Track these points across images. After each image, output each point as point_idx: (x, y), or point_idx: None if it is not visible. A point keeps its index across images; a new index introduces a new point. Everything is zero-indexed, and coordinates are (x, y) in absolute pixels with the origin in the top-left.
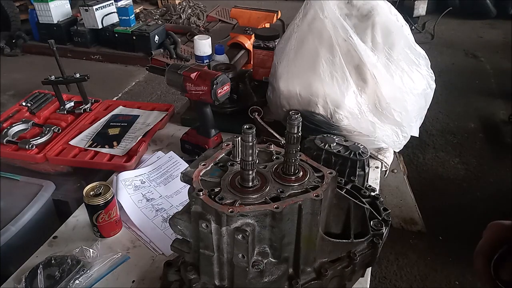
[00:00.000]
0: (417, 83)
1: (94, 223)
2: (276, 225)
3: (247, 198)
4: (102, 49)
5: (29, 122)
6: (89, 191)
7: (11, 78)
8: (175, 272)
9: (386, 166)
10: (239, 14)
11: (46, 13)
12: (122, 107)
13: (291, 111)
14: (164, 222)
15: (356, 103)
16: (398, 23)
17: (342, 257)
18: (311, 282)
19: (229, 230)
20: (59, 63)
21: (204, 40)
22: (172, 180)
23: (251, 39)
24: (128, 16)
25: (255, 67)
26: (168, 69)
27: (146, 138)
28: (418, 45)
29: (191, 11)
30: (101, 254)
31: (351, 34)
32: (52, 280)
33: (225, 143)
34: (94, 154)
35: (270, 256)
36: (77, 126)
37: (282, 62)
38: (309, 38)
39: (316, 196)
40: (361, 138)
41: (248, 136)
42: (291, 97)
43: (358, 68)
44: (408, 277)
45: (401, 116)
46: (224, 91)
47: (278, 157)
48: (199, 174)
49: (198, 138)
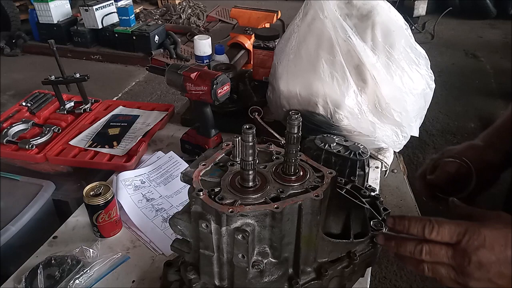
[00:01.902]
0: (416, 83)
1: (94, 223)
2: (276, 225)
3: (247, 198)
4: (102, 49)
5: (29, 122)
6: (89, 191)
7: (11, 78)
8: (175, 272)
9: (386, 166)
10: (239, 14)
11: (46, 13)
12: (122, 107)
13: (291, 111)
14: (164, 222)
15: (356, 103)
16: (398, 23)
17: (342, 257)
18: (311, 282)
19: (229, 230)
20: (59, 63)
21: (204, 40)
22: (172, 180)
23: (251, 39)
24: (128, 16)
25: (255, 67)
26: (168, 69)
27: (146, 138)
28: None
29: (191, 11)
30: (101, 254)
31: (351, 35)
32: (52, 280)
33: (225, 143)
34: (94, 154)
35: (270, 256)
36: (77, 126)
37: (282, 62)
38: (309, 38)
39: (316, 196)
40: (361, 138)
41: (248, 136)
42: (291, 97)
43: (358, 68)
44: (408, 277)
45: (400, 116)
46: (224, 91)
47: (278, 157)
48: (199, 174)
49: (198, 138)
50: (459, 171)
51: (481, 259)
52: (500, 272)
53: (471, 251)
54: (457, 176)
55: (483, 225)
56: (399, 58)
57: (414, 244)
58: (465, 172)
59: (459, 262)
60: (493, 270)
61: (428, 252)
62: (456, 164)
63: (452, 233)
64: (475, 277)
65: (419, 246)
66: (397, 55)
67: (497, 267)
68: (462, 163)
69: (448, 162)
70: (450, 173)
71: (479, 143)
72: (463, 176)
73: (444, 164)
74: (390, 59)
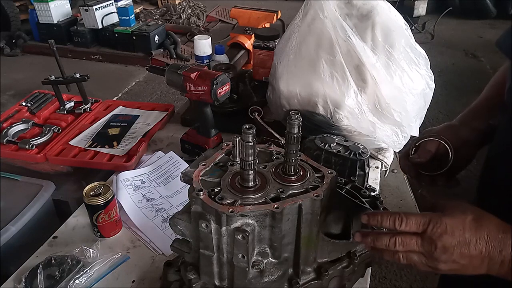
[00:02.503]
0: (416, 83)
1: (94, 223)
2: (276, 225)
3: (247, 198)
4: (102, 49)
5: (29, 122)
6: (89, 191)
7: (11, 78)
8: (175, 272)
9: (386, 166)
10: (239, 14)
11: (46, 13)
12: (122, 107)
13: (291, 111)
14: (164, 222)
15: (356, 103)
16: (398, 23)
17: (342, 257)
18: (311, 282)
19: (229, 230)
20: (59, 63)
21: (204, 40)
22: (172, 180)
23: (251, 39)
24: (128, 16)
25: (255, 67)
26: (168, 69)
27: (146, 138)
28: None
29: (191, 11)
30: (101, 254)
31: (351, 35)
32: (52, 280)
33: (225, 143)
34: (94, 154)
35: (270, 256)
36: (77, 126)
37: (282, 62)
38: (309, 38)
39: (316, 196)
40: (361, 138)
41: (248, 136)
42: (291, 97)
43: (358, 68)
44: (408, 277)
45: (400, 116)
46: (224, 91)
47: (278, 157)
48: (199, 174)
49: (198, 138)
50: (439, 149)
51: (445, 244)
52: (462, 253)
53: (436, 238)
54: (437, 155)
55: (444, 214)
56: (399, 58)
57: (388, 237)
58: (444, 150)
59: (427, 248)
60: (456, 252)
61: (400, 243)
62: (436, 143)
63: (419, 223)
64: (442, 260)
65: (392, 238)
66: (397, 55)
67: (459, 249)
68: (441, 141)
69: (428, 142)
70: (430, 152)
71: (455, 123)
72: (443, 154)
73: (425, 144)
74: (390, 59)
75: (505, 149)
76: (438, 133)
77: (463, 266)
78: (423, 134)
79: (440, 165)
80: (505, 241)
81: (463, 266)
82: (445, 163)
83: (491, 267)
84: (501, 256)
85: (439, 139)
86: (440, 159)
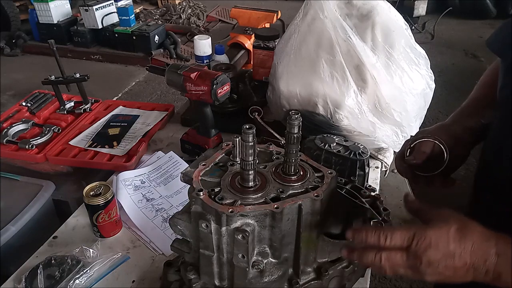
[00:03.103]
0: (416, 83)
1: (94, 223)
2: (276, 225)
3: (247, 198)
4: (102, 49)
5: (29, 122)
6: (89, 191)
7: (11, 78)
8: (175, 272)
9: (386, 166)
10: (239, 14)
11: (46, 13)
12: (122, 107)
13: (291, 111)
14: (164, 222)
15: (356, 103)
16: (398, 23)
17: (342, 257)
18: (311, 282)
19: (229, 230)
20: (59, 63)
21: (204, 40)
22: (172, 180)
23: (251, 39)
24: (128, 16)
25: (255, 67)
26: (168, 69)
27: (146, 138)
28: (418, 45)
29: (191, 11)
30: (101, 254)
31: (351, 35)
32: (52, 280)
33: (225, 143)
34: (94, 154)
35: (270, 256)
36: (77, 126)
37: (282, 62)
38: (309, 38)
39: (316, 196)
40: (361, 138)
41: (248, 136)
42: (291, 97)
43: (358, 68)
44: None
45: (400, 116)
46: (224, 91)
47: (278, 157)
48: (199, 174)
49: (198, 138)
50: (434, 149)
51: (430, 258)
52: (447, 266)
53: (421, 253)
54: (432, 155)
55: (427, 227)
56: (399, 58)
57: (373, 254)
58: (439, 150)
59: (412, 263)
60: (441, 265)
61: (386, 259)
62: (430, 144)
63: (403, 238)
64: (427, 273)
65: (378, 255)
66: (397, 55)
67: (444, 262)
68: (435, 141)
69: (423, 142)
70: (425, 153)
71: (447, 122)
72: (438, 154)
73: (420, 145)
74: (390, 59)
75: (499, 147)
76: (431, 134)
77: (448, 277)
78: (417, 135)
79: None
80: (489, 250)
81: (448, 277)
82: (440, 163)
83: (476, 276)
84: (485, 266)
85: (434, 139)
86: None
